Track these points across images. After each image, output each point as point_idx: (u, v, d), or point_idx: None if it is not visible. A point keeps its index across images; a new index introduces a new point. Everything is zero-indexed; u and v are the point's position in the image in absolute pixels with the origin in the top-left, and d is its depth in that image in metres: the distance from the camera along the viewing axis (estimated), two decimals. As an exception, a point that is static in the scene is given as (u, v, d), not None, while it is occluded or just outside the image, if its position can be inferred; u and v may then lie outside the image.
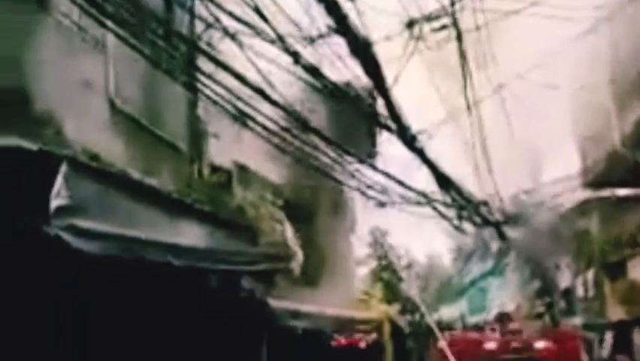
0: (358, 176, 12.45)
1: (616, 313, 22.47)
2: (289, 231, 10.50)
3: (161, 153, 7.49)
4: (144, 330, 5.84)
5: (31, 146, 4.38)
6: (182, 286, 6.38)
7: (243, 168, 9.72)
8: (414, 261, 20.23)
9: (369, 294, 14.12)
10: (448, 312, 21.26)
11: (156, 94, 7.51)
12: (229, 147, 9.21)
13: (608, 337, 21.29)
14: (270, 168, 10.77)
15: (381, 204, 13.22)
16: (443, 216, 13.69)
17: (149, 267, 5.39)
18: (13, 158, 4.24)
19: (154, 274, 5.65)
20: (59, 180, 4.35)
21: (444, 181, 11.33)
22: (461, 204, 12.87)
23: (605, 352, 20.67)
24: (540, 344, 16.76)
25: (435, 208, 12.56)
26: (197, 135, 8.51)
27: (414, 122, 9.10)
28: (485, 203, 14.11)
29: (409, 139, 8.72)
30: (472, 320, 23.27)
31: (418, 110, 11.07)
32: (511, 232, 17.82)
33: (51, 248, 4.27)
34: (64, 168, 4.42)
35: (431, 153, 10.28)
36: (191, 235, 6.21)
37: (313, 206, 12.53)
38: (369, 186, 12.11)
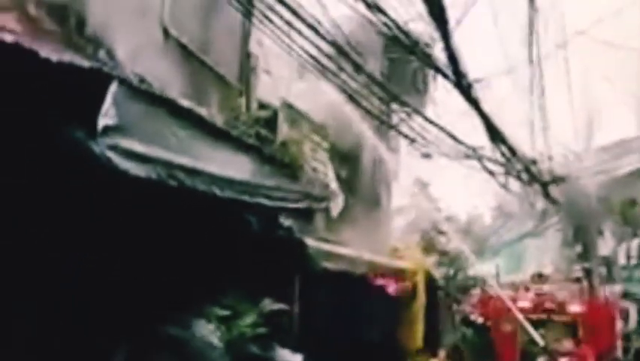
0: (407, 124, 12.35)
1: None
2: (331, 172, 10.52)
3: (210, 84, 7.49)
4: (178, 258, 5.93)
5: (83, 63, 4.40)
6: (220, 217, 6.45)
7: (290, 107, 9.68)
8: (454, 215, 20.08)
9: (406, 243, 14.11)
10: (484, 269, 21.16)
11: (210, 25, 7.48)
12: (279, 85, 9.18)
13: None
14: (318, 110, 10.71)
15: (427, 155, 13.13)
16: (490, 171, 13.53)
17: (191, 195, 5.43)
18: (65, 73, 4.26)
19: (194, 202, 5.71)
20: (108, 100, 4.37)
21: (495, 135, 11.13)
22: (510, 160, 12.66)
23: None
24: (574, 308, 16.59)
25: (482, 163, 12.41)
26: (248, 70, 8.48)
27: (471, 71, 8.84)
28: (534, 161, 13.84)
29: (465, 87, 8.50)
30: (508, 278, 23.16)
31: (476, 59, 10.79)
32: (558, 194, 17.51)
33: (95, 166, 4.32)
34: (113, 87, 4.43)
35: (486, 105, 10.02)
36: (234, 167, 6.24)
37: (357, 150, 12.48)
38: (417, 135, 12.02)
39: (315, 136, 10.03)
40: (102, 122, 4.29)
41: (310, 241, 8.18)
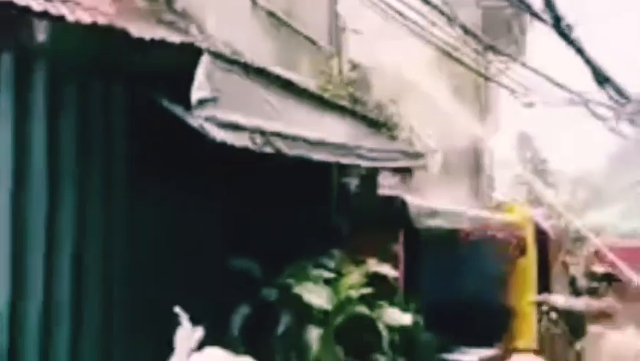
0: (505, 73, 11.96)
1: None
2: (428, 129, 10.35)
3: (300, 49, 7.50)
4: (278, 224, 6.03)
5: (175, 38, 4.50)
6: (318, 181, 6.51)
7: (383, 66, 9.55)
8: (563, 166, 19.30)
9: (512, 197, 13.76)
10: (600, 218, 20.31)
11: (296, -12, 7.48)
12: (369, 44, 9.06)
13: None
14: (411, 67, 10.52)
15: (529, 105, 12.65)
16: (598, 116, 12.91)
17: (287, 161, 5.49)
18: (157, 50, 4.37)
19: (291, 168, 5.77)
20: (201, 72, 4.45)
21: (601, 77, 10.56)
22: (619, 102, 12.00)
23: None
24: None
25: (590, 108, 11.84)
26: (337, 31, 8.43)
27: (569, 12, 8.35)
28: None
29: (564, 30, 8.08)
30: (626, 227, 22.15)
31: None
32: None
33: (193, 138, 4.43)
34: (205, 59, 4.51)
35: (589, 46, 9.47)
36: (329, 130, 6.26)
37: (455, 105, 12.20)
38: (517, 85, 11.63)
39: (409, 93, 9.87)
40: (196, 95, 4.37)
41: (411, 199, 8.11)
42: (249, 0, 6.56)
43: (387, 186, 7.87)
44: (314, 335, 5.65)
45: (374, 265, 6.59)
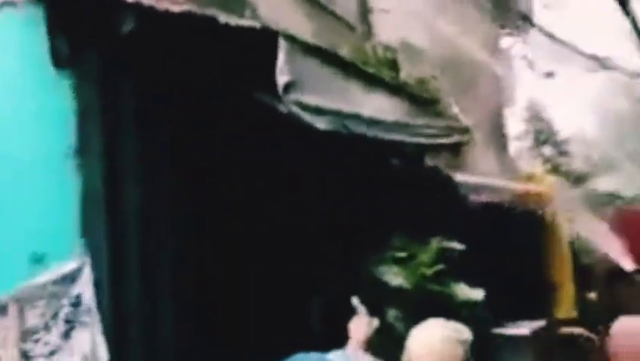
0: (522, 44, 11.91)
1: None
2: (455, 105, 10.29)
3: (339, 31, 7.40)
4: (351, 204, 5.93)
5: (253, 23, 4.38)
6: (381, 160, 6.40)
7: (410, 46, 9.45)
8: (575, 133, 19.04)
9: (535, 168, 13.71)
10: (614, 183, 20.22)
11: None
12: (397, 23, 8.94)
13: None
14: (434, 45, 10.44)
15: (549, 74, 12.60)
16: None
17: (350, 140, 5.37)
18: (233, 36, 4.25)
19: (353, 147, 5.65)
20: (282, 57, 4.34)
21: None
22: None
23: None
24: None
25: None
26: (367, 11, 8.32)
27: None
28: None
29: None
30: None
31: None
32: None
33: (282, 124, 4.33)
34: (283, 44, 4.40)
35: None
36: (386, 108, 6.19)
37: (474, 80, 12.12)
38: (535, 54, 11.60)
39: (436, 72, 9.80)
40: (281, 79, 4.27)
41: (456, 175, 8.02)
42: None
43: (434, 162, 7.78)
44: (392, 315, 5.57)
45: (440, 242, 6.48)
